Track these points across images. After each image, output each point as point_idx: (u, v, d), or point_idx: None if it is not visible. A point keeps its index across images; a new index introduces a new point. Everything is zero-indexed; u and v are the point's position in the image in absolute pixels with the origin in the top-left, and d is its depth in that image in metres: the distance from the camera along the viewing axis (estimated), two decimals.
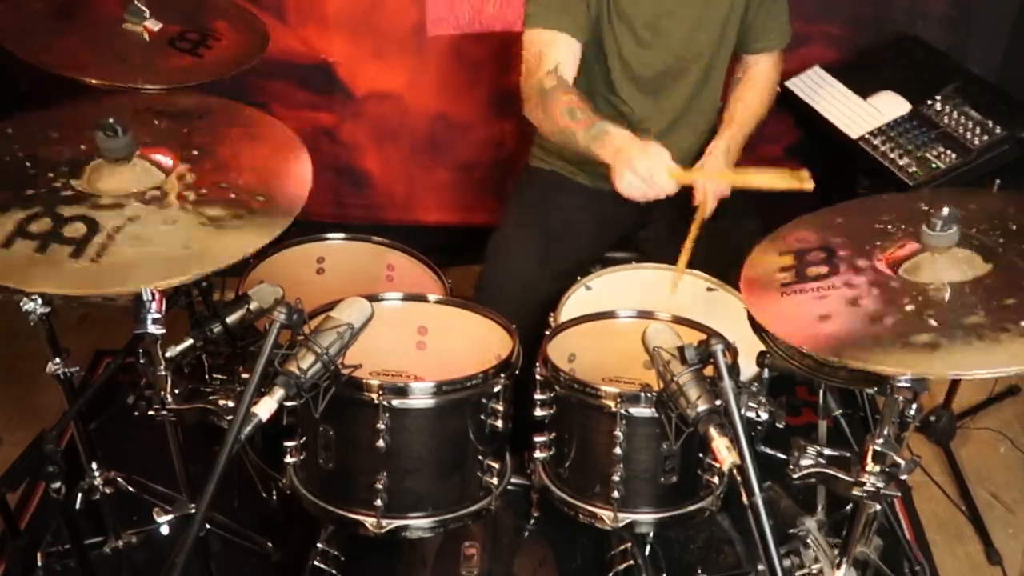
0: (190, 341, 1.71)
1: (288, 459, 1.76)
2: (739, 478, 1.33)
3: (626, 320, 1.89)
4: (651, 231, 2.36)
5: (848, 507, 1.68)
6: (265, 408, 1.42)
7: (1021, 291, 1.37)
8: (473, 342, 1.88)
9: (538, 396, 1.78)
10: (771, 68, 2.32)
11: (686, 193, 2.20)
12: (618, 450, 1.69)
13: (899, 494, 1.56)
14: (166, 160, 1.65)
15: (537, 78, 2.06)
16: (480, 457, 1.76)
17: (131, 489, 2.05)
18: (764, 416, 1.63)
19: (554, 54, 2.07)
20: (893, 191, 2.32)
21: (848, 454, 1.57)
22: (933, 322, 1.35)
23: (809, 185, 1.80)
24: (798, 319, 1.44)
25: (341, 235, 2.24)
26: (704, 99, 2.27)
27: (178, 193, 1.60)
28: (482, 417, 1.72)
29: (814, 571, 1.87)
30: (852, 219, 1.67)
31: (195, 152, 1.70)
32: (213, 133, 1.78)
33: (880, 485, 1.51)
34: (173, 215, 1.56)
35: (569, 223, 2.28)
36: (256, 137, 1.82)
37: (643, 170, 1.87)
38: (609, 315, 1.90)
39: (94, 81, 2.03)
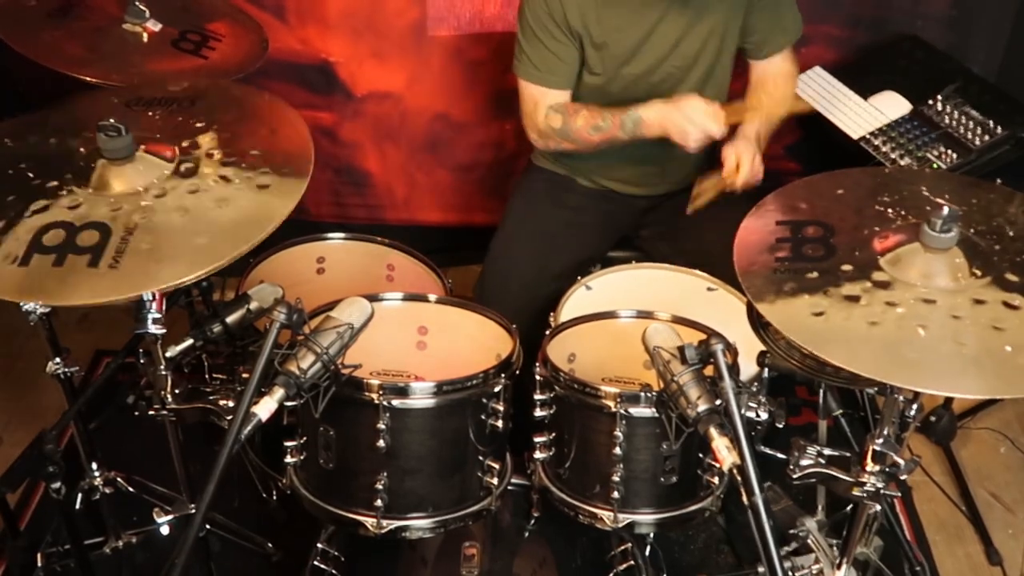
0: (190, 341, 1.71)
1: (288, 459, 1.77)
2: (739, 478, 1.33)
3: (626, 320, 1.89)
4: (651, 231, 2.36)
5: (848, 507, 1.68)
6: (265, 408, 1.42)
7: (1008, 312, 1.36)
8: (473, 342, 1.88)
9: (538, 396, 1.78)
10: (787, 61, 2.28)
11: (688, 194, 2.21)
12: (618, 450, 1.69)
13: (899, 494, 1.56)
14: (167, 152, 1.65)
15: (542, 122, 2.17)
16: (480, 457, 1.76)
17: (131, 489, 2.04)
18: (764, 416, 1.63)
19: (548, 100, 2.16)
20: None
21: (848, 454, 1.56)
22: (921, 331, 1.34)
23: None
24: (790, 306, 1.42)
25: (341, 235, 2.24)
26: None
27: (199, 166, 1.60)
28: (482, 417, 1.72)
29: (814, 571, 1.87)
30: (852, 193, 1.64)
31: (196, 137, 1.70)
32: (208, 116, 1.77)
33: (880, 485, 1.51)
34: (185, 203, 1.55)
35: (571, 223, 2.28)
36: (252, 115, 1.82)
37: (695, 124, 2.03)
38: (609, 315, 1.90)
39: (91, 79, 2.03)
